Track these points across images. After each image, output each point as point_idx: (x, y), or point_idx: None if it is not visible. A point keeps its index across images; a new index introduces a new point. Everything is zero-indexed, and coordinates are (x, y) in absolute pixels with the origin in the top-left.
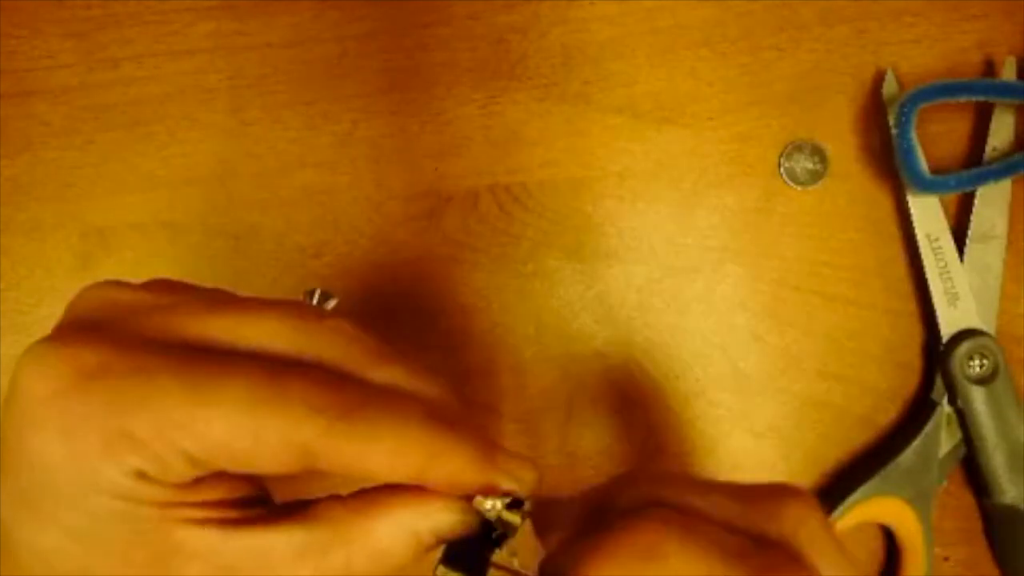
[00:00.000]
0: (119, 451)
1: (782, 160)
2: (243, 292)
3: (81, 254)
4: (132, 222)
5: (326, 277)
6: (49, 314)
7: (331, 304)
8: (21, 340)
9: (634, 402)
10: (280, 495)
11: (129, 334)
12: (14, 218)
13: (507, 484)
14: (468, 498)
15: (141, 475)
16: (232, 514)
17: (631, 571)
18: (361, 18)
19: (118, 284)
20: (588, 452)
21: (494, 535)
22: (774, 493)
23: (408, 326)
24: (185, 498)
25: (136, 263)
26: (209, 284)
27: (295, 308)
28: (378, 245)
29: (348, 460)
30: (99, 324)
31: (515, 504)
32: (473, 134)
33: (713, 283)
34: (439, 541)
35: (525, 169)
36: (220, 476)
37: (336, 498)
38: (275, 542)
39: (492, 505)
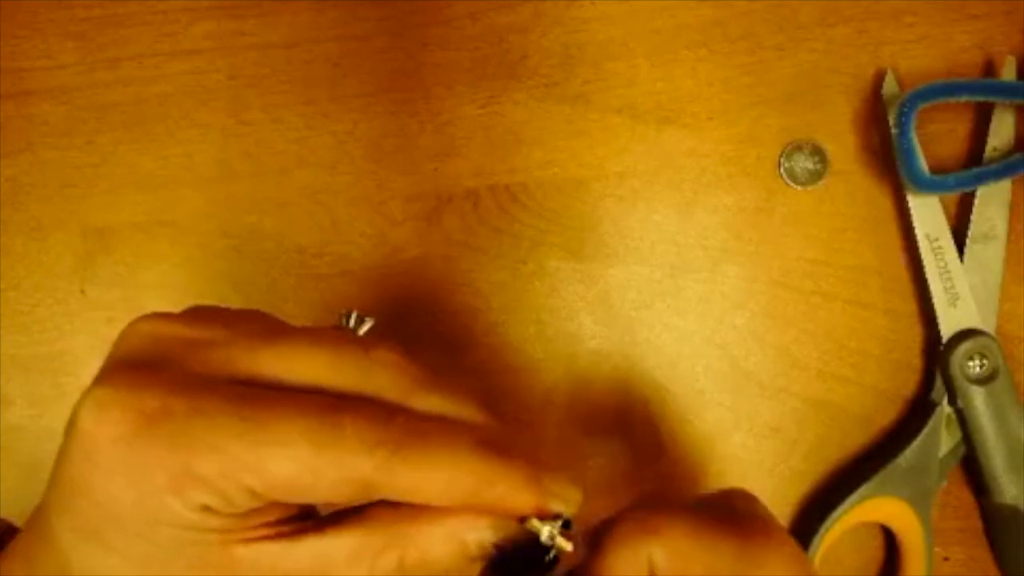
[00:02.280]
0: (185, 488)
1: (782, 160)
2: (243, 292)
3: (81, 254)
4: (132, 222)
5: (326, 277)
6: (49, 314)
7: (367, 326)
8: (21, 340)
9: (634, 402)
10: (326, 507)
11: (184, 373)
12: (14, 218)
13: (556, 506)
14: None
15: (205, 508)
16: (286, 528)
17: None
18: (361, 18)
19: (165, 318)
20: (588, 452)
21: (547, 559)
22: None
23: (408, 326)
24: (245, 523)
25: (136, 263)
26: (209, 284)
27: (342, 341)
28: (378, 245)
29: (404, 490)
30: (152, 362)
31: (564, 525)
32: (473, 134)
33: (713, 283)
34: (483, 554)
35: (525, 169)
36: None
37: (386, 503)
38: (330, 547)
39: (548, 531)
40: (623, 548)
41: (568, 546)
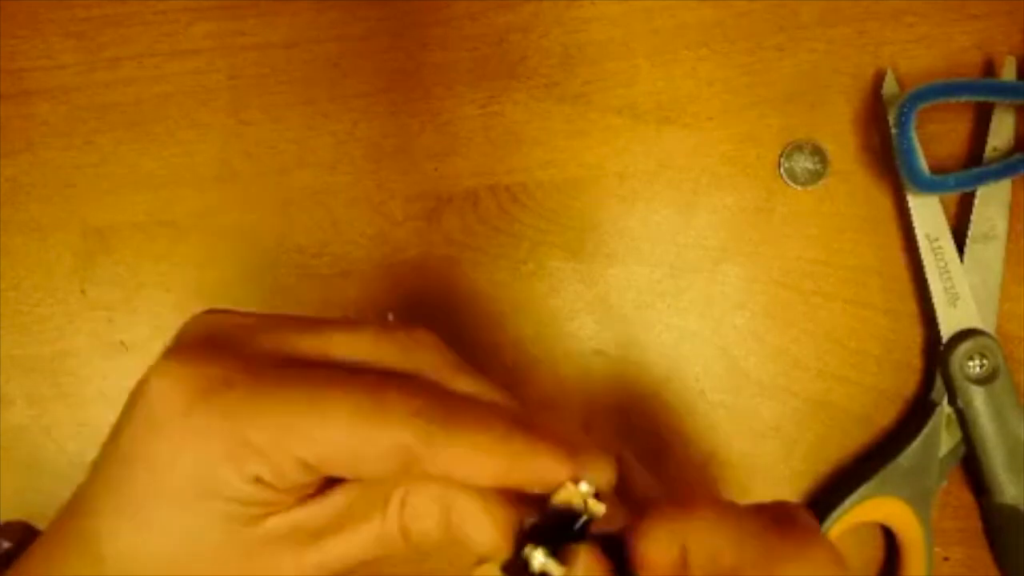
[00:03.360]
0: (241, 458)
1: (782, 160)
2: (243, 292)
3: (81, 254)
4: (132, 222)
5: (326, 277)
6: (49, 314)
7: None
8: (21, 340)
9: (634, 402)
10: None
11: (242, 352)
12: (14, 218)
13: (591, 476)
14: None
15: (258, 480)
16: (311, 492)
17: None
18: (361, 18)
19: (225, 310)
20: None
21: (577, 525)
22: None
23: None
24: (284, 499)
25: (136, 263)
26: (209, 284)
27: (385, 325)
28: (378, 245)
29: (446, 461)
30: (212, 343)
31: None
32: (473, 134)
33: (713, 283)
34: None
35: (525, 169)
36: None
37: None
38: (349, 497)
39: (582, 494)
40: (660, 529)
41: (601, 508)
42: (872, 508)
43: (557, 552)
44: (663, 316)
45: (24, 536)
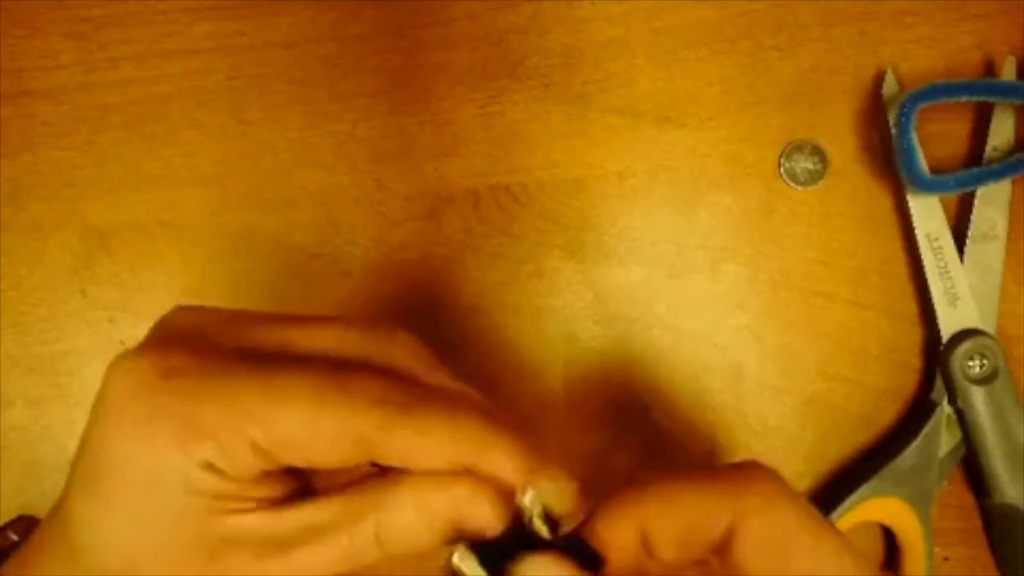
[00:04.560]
0: (190, 441)
1: (782, 160)
2: (243, 292)
3: (81, 254)
4: (132, 222)
5: (326, 277)
6: (49, 314)
7: None
8: (21, 340)
9: (634, 402)
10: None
11: (207, 342)
12: (14, 218)
13: (545, 483)
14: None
15: (209, 466)
16: (275, 500)
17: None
18: (361, 18)
19: (197, 306)
20: (588, 452)
21: (523, 533)
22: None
23: (408, 326)
24: (243, 493)
25: (136, 263)
26: (209, 284)
27: (364, 321)
28: (378, 245)
29: (403, 450)
30: (184, 335)
31: (549, 520)
32: (473, 134)
33: (713, 283)
34: (452, 529)
35: (525, 169)
36: (274, 475)
37: (370, 475)
38: (313, 516)
39: (532, 502)
40: (614, 511)
41: (544, 530)
42: (872, 508)
43: (510, 558)
44: (663, 316)
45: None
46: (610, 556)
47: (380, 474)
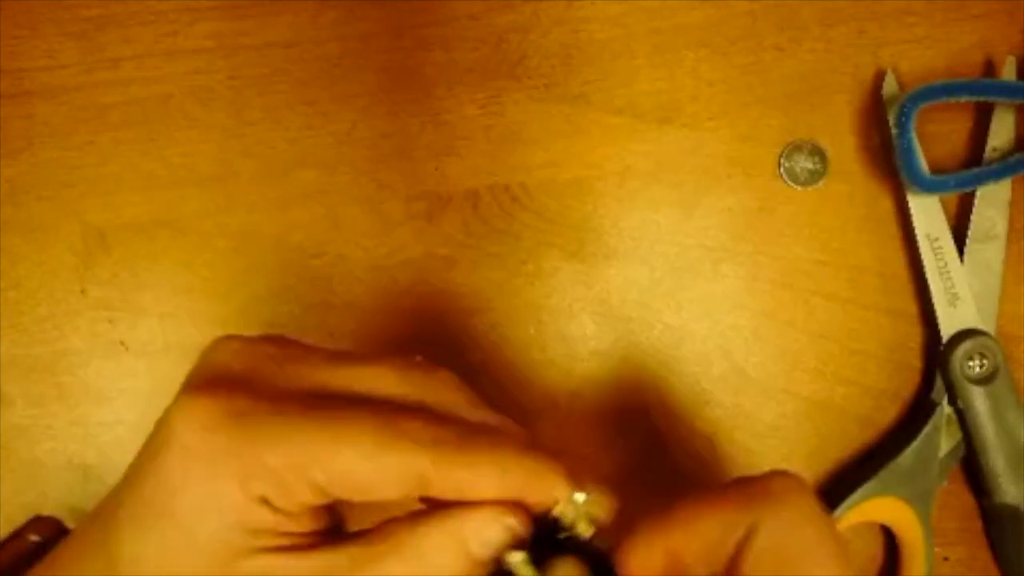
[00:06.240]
0: (251, 478)
1: (782, 160)
2: (243, 292)
3: (81, 254)
4: (132, 222)
5: (326, 277)
6: (49, 314)
7: None
8: (21, 340)
9: (634, 403)
10: (355, 525)
11: (265, 382)
12: (14, 218)
13: (588, 499)
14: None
15: (263, 500)
16: (304, 540)
17: None
18: (361, 18)
19: (247, 338)
20: (588, 452)
21: (561, 535)
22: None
23: (408, 326)
24: (286, 527)
25: (136, 263)
26: (209, 284)
27: (406, 360)
28: (378, 245)
29: (456, 485)
30: (237, 374)
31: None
32: (473, 134)
33: (713, 283)
34: (490, 553)
35: (525, 169)
36: (312, 510)
37: (394, 518)
38: (336, 559)
39: (578, 504)
40: (639, 546)
41: (589, 529)
42: (872, 508)
43: (543, 561)
44: (663, 316)
45: (54, 532)
46: None
47: (404, 516)
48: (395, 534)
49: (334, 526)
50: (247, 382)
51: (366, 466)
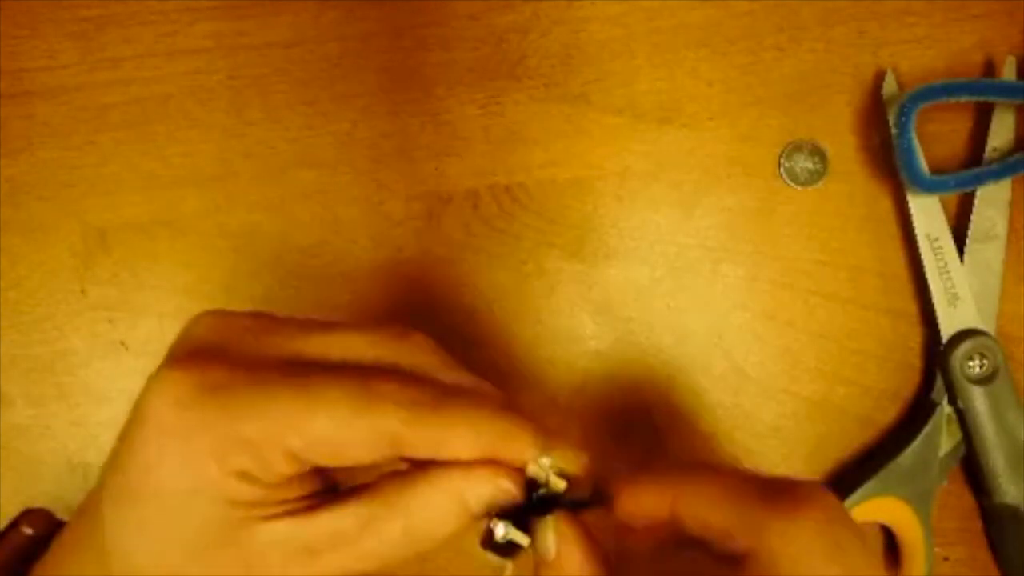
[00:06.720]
0: (227, 453)
1: (782, 160)
2: (243, 292)
3: (81, 254)
4: (132, 222)
5: (326, 277)
6: (49, 314)
7: None
8: (21, 340)
9: (634, 402)
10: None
11: (241, 354)
12: (14, 218)
13: (558, 455)
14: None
15: (242, 475)
16: (303, 504)
17: None
18: (361, 18)
19: (225, 312)
20: (588, 452)
21: (534, 495)
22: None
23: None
24: (271, 497)
25: (136, 263)
26: (209, 284)
27: (380, 325)
28: (378, 245)
29: (432, 445)
30: (213, 347)
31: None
32: (473, 134)
33: (713, 283)
34: (485, 510)
35: (525, 169)
36: (301, 476)
37: (393, 473)
38: (341, 519)
39: (545, 465)
40: (648, 488)
41: (562, 484)
42: (872, 508)
43: (527, 525)
44: (663, 316)
45: (47, 525)
46: (634, 522)
47: (400, 472)
48: (398, 491)
49: (328, 488)
50: (222, 354)
51: (340, 430)
